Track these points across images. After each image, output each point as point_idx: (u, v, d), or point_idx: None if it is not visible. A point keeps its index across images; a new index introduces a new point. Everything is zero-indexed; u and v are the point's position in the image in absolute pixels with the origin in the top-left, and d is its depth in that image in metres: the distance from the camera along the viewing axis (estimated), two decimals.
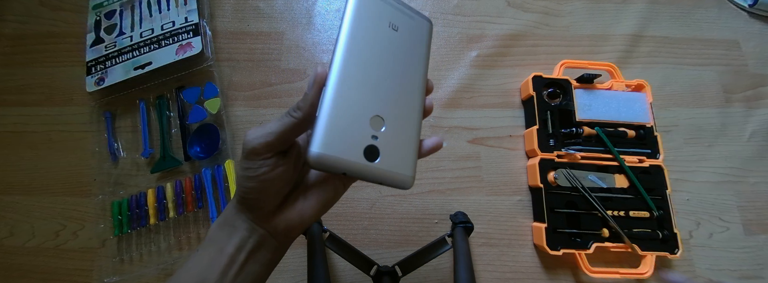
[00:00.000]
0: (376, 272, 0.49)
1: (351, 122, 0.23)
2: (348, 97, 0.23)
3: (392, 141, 0.24)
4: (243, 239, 0.26)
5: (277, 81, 0.64)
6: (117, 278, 0.54)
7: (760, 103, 0.65)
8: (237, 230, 0.26)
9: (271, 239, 0.27)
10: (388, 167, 0.23)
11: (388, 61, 0.25)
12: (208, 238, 0.27)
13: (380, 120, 0.24)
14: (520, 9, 0.69)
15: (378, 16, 0.25)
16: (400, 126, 0.24)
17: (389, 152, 0.23)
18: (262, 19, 0.67)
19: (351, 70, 0.23)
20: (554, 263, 0.55)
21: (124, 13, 0.65)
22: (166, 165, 0.58)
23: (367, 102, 0.23)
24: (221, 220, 0.27)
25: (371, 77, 0.24)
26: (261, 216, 0.26)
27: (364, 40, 0.24)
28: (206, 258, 0.26)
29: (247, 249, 0.26)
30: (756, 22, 0.70)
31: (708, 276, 0.55)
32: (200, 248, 0.27)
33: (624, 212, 0.55)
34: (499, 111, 0.62)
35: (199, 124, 0.59)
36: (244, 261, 0.26)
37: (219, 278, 0.25)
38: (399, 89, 0.25)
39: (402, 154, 0.24)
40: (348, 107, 0.23)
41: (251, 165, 0.24)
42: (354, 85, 0.23)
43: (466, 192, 0.58)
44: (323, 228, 0.51)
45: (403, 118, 0.25)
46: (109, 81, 0.60)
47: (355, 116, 0.23)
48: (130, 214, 0.56)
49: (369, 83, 0.24)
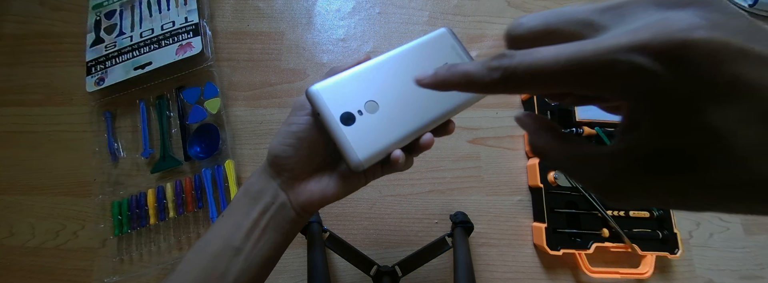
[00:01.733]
0: (376, 272, 0.49)
1: (355, 89, 0.26)
2: (369, 77, 0.27)
3: (372, 126, 0.26)
4: (266, 204, 0.28)
5: (277, 81, 0.64)
6: (117, 278, 0.54)
7: None
8: (262, 196, 0.28)
9: (290, 209, 0.28)
10: (351, 139, 0.26)
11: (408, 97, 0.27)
12: (234, 204, 0.29)
13: (376, 106, 0.27)
14: (520, 9, 0.69)
15: (440, 50, 0.28)
16: (388, 123, 0.26)
17: (362, 130, 0.26)
18: (262, 19, 0.67)
19: (388, 65, 0.27)
20: (554, 263, 0.55)
21: (124, 13, 0.65)
22: (166, 165, 0.58)
23: (379, 88, 0.27)
24: (247, 187, 0.29)
25: (397, 78, 0.27)
26: (288, 181, 0.28)
27: (415, 57, 0.28)
28: (231, 221, 0.28)
29: (269, 214, 0.28)
30: None
31: (708, 276, 0.55)
32: (225, 214, 0.29)
33: (624, 211, 0.55)
34: (499, 111, 0.62)
35: (199, 124, 0.59)
36: (266, 226, 0.28)
37: (243, 240, 0.27)
38: (415, 102, 0.27)
39: (371, 140, 0.26)
40: (363, 81, 0.27)
41: (295, 119, 0.27)
42: (380, 74, 0.27)
43: (466, 192, 0.58)
44: (323, 228, 0.51)
45: (397, 121, 0.27)
46: (109, 81, 0.60)
47: (362, 88, 0.26)
48: (130, 214, 0.56)
49: (391, 80, 0.27)
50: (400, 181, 0.59)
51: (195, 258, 0.27)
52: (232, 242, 0.27)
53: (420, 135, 0.27)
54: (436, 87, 0.18)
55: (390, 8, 0.69)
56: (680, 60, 0.11)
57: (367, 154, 0.25)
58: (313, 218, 0.51)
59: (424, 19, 0.68)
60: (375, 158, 0.26)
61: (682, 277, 0.55)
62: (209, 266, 0.27)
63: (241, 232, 0.27)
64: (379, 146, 0.26)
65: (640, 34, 0.12)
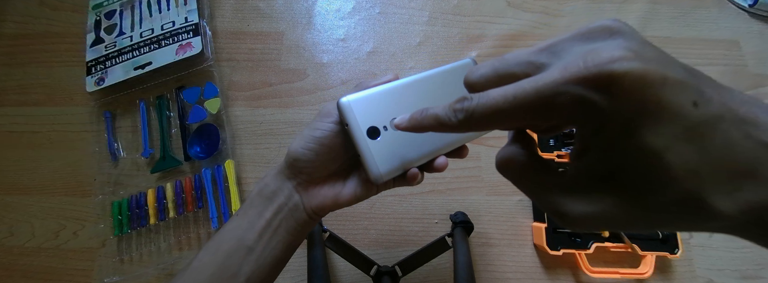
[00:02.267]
0: (376, 272, 0.49)
1: (382, 106, 0.27)
2: (396, 95, 0.28)
3: (394, 142, 0.28)
4: (280, 205, 0.29)
5: (277, 81, 0.64)
6: (117, 278, 0.54)
7: None
8: (277, 196, 0.29)
9: (302, 211, 0.29)
10: (374, 153, 0.27)
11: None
12: (248, 203, 0.29)
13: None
14: (520, 9, 0.69)
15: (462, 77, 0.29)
16: (410, 141, 0.28)
17: (385, 145, 0.27)
18: (262, 19, 0.67)
19: (414, 87, 0.29)
20: (554, 263, 0.55)
21: (124, 13, 0.65)
22: (166, 165, 0.58)
23: (405, 107, 0.28)
24: (261, 187, 0.30)
25: (421, 100, 0.29)
26: (303, 183, 0.29)
27: (440, 82, 0.29)
28: (246, 220, 0.29)
29: (282, 215, 0.29)
30: (756, 22, 0.70)
31: (708, 276, 0.55)
32: (240, 213, 0.29)
33: None
34: None
35: (199, 124, 0.59)
36: (278, 226, 0.29)
37: (256, 239, 0.28)
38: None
39: (392, 155, 0.28)
40: (391, 98, 0.28)
41: (320, 125, 0.28)
42: (406, 94, 0.28)
43: (466, 192, 0.58)
44: (323, 228, 0.51)
45: (418, 141, 0.28)
46: (109, 81, 0.60)
47: (389, 105, 0.28)
48: (130, 214, 0.56)
49: (415, 101, 0.29)
50: None
51: (208, 257, 0.28)
52: (245, 242, 0.28)
53: (436, 156, 0.29)
54: (413, 130, 0.20)
55: (390, 8, 0.69)
56: (613, 87, 0.13)
57: (387, 168, 0.27)
58: None
59: (424, 19, 0.68)
60: (394, 173, 0.28)
61: (682, 277, 0.55)
62: (222, 265, 0.28)
63: (253, 232, 0.28)
64: (398, 161, 0.27)
65: (573, 67, 0.13)
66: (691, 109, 0.13)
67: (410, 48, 0.66)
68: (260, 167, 0.59)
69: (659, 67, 0.13)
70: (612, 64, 0.13)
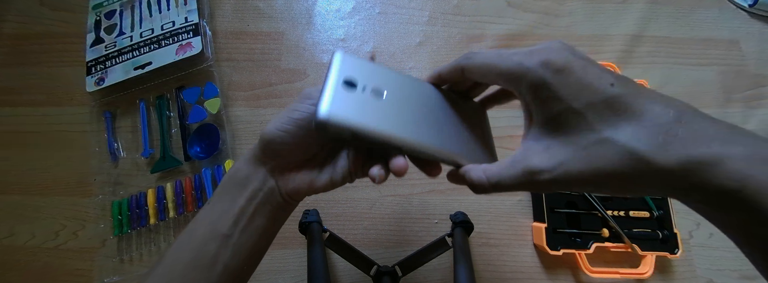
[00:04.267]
0: (376, 272, 0.49)
1: (373, 74, 0.26)
2: (393, 77, 0.27)
3: (364, 104, 0.26)
4: (254, 190, 0.28)
5: (277, 81, 0.64)
6: (117, 278, 0.54)
7: (760, 103, 0.65)
8: (250, 182, 0.28)
9: (278, 195, 0.28)
10: (335, 96, 0.24)
11: (407, 104, 0.27)
12: (221, 190, 0.29)
13: (381, 95, 0.26)
14: (520, 9, 0.69)
15: (354, 100, 0.26)
16: (380, 115, 0.26)
17: (352, 100, 0.25)
18: (262, 19, 0.67)
19: (415, 83, 0.28)
20: (554, 263, 0.55)
21: (124, 13, 0.65)
22: (166, 165, 0.58)
23: (396, 89, 0.27)
24: (233, 173, 0.29)
25: (416, 94, 0.28)
26: (278, 167, 0.28)
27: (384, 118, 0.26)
28: (218, 208, 0.28)
29: (257, 201, 0.28)
30: (756, 22, 0.70)
31: (708, 276, 0.55)
32: (211, 201, 0.29)
33: (624, 211, 0.55)
34: (499, 111, 0.62)
35: (199, 124, 0.59)
36: (253, 213, 0.28)
37: (230, 227, 0.27)
38: (418, 118, 0.27)
39: (352, 111, 0.25)
40: (386, 75, 0.27)
41: (298, 106, 0.27)
42: (403, 83, 0.27)
43: (466, 192, 0.58)
44: (323, 228, 0.51)
45: (390, 120, 0.26)
46: (109, 81, 0.60)
47: (380, 78, 0.26)
48: (130, 214, 0.56)
49: (410, 92, 0.27)
50: (400, 181, 0.59)
51: (183, 246, 0.27)
52: (220, 229, 0.27)
53: (399, 149, 0.26)
54: (436, 79, 0.28)
55: (390, 8, 0.69)
56: (560, 70, 0.21)
57: (338, 116, 0.23)
58: (313, 218, 0.51)
59: (424, 20, 0.68)
60: (342, 127, 0.24)
61: (682, 277, 0.55)
62: (198, 253, 0.27)
63: (228, 218, 0.27)
64: (353, 117, 0.24)
65: (538, 56, 0.22)
66: (607, 87, 0.20)
67: (410, 48, 0.66)
68: None
69: (581, 58, 0.21)
70: (565, 56, 0.21)
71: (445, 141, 0.27)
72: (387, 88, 0.26)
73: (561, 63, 0.21)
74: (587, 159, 0.20)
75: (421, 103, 0.27)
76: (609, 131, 0.20)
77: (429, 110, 0.27)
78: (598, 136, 0.20)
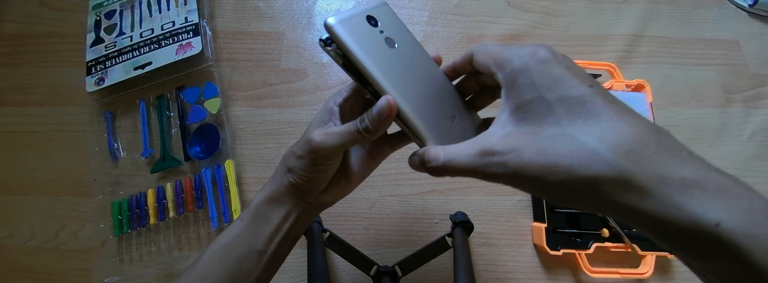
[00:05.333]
0: (376, 272, 0.49)
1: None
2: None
3: (464, 120, 0.28)
4: (288, 211, 0.30)
5: (277, 81, 0.64)
6: (117, 278, 0.54)
7: (760, 103, 0.65)
8: (284, 205, 0.30)
9: (312, 209, 0.31)
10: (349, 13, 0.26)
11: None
12: (254, 210, 0.31)
13: (393, 44, 0.27)
14: (520, 9, 0.69)
15: (368, 35, 0.26)
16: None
17: (369, 36, 0.26)
18: (262, 19, 0.67)
19: (404, 93, 0.25)
20: (554, 263, 0.55)
21: (124, 13, 0.65)
22: (166, 165, 0.58)
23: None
24: (269, 195, 0.31)
25: (417, 88, 0.26)
26: (308, 195, 0.30)
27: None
28: (254, 227, 0.30)
29: (292, 219, 0.31)
30: (756, 22, 0.70)
31: None
32: (244, 219, 0.31)
33: None
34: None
35: (199, 124, 0.59)
36: (288, 229, 0.31)
37: (266, 243, 0.30)
38: (434, 81, 0.28)
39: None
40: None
41: (319, 163, 0.28)
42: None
43: (466, 192, 0.58)
44: (323, 228, 0.51)
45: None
46: (109, 81, 0.60)
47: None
48: (130, 214, 0.56)
49: (422, 95, 0.26)
50: (400, 181, 0.59)
51: (219, 261, 0.30)
52: (256, 247, 0.30)
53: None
54: (450, 70, 0.28)
55: None
56: (545, 60, 0.21)
57: (343, 32, 0.24)
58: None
59: (424, 20, 0.68)
60: (341, 42, 0.24)
61: (682, 277, 0.55)
62: (235, 269, 0.29)
63: (263, 236, 0.30)
64: (355, 45, 0.24)
65: (530, 47, 0.23)
66: (585, 86, 0.20)
67: None
68: (260, 167, 0.59)
69: (569, 62, 0.22)
70: (549, 53, 0.22)
71: (426, 115, 0.25)
72: (400, 45, 0.27)
73: (547, 55, 0.21)
74: (544, 150, 0.20)
75: (425, 76, 0.27)
76: (574, 129, 0.19)
77: (427, 85, 0.27)
78: (562, 130, 0.20)
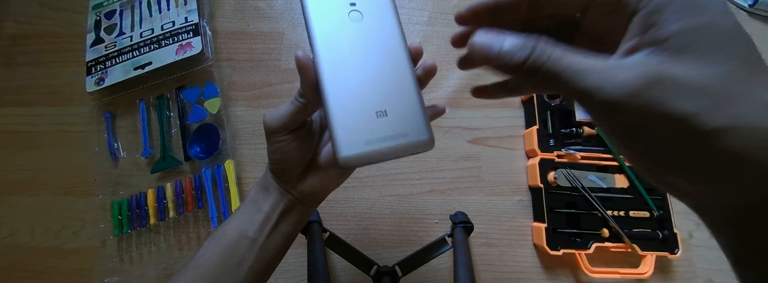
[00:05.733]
0: (376, 272, 0.49)
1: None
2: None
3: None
4: (276, 201, 0.31)
5: (277, 81, 0.64)
6: (117, 278, 0.54)
7: None
8: (271, 194, 0.31)
9: (299, 203, 0.31)
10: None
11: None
12: (249, 198, 0.32)
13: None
14: None
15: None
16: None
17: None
18: (262, 19, 0.67)
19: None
20: (554, 263, 0.55)
21: (124, 13, 0.65)
22: (166, 165, 0.58)
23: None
24: (261, 183, 0.32)
25: (358, 70, 0.24)
26: (287, 183, 0.31)
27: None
28: (247, 214, 0.31)
29: (280, 210, 0.31)
30: (756, 22, 0.70)
31: (708, 276, 0.55)
32: (241, 206, 0.32)
33: (624, 212, 0.55)
34: (499, 111, 0.62)
35: (199, 124, 0.59)
36: (278, 220, 0.31)
37: (257, 231, 0.31)
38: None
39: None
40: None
41: (269, 143, 0.29)
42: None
43: (466, 192, 0.58)
44: (323, 228, 0.51)
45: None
46: (109, 81, 0.60)
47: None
48: (130, 214, 0.56)
49: (358, 78, 0.24)
50: (400, 181, 0.59)
51: (213, 246, 0.31)
52: (247, 233, 0.30)
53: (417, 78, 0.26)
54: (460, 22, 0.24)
55: None
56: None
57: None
58: (313, 218, 0.51)
59: (424, 19, 0.68)
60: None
61: (682, 277, 0.55)
62: (227, 254, 0.30)
63: (254, 224, 0.31)
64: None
65: None
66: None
67: None
68: (260, 166, 0.59)
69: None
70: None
71: (346, 99, 0.24)
72: (367, 21, 0.27)
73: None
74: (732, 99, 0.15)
75: (376, 59, 0.25)
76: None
77: (373, 68, 0.25)
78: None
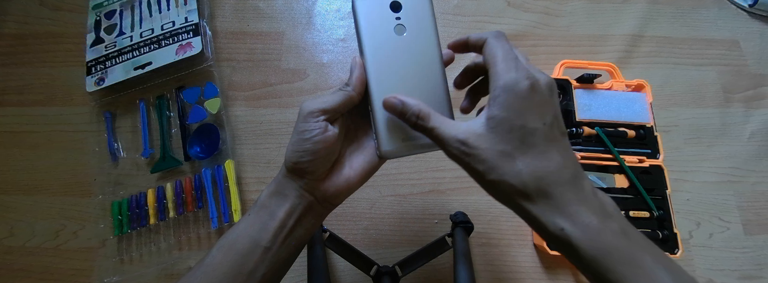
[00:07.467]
0: (376, 272, 0.49)
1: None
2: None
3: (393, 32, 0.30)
4: (293, 205, 0.29)
5: (277, 81, 0.64)
6: (117, 278, 0.54)
7: (760, 103, 0.65)
8: (288, 198, 0.29)
9: (318, 206, 0.30)
10: None
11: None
12: (260, 204, 0.30)
13: (403, 29, 0.30)
14: (520, 9, 0.69)
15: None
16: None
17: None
18: (262, 19, 0.67)
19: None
20: (554, 263, 0.55)
21: (124, 13, 0.65)
22: (166, 165, 0.58)
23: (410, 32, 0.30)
24: (273, 188, 0.30)
25: (400, 79, 0.29)
26: (311, 182, 0.29)
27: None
28: (259, 222, 0.29)
29: (297, 215, 0.29)
30: (756, 22, 0.70)
31: (708, 276, 0.55)
32: (251, 213, 0.30)
33: (624, 212, 0.55)
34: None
35: (199, 124, 0.59)
36: (293, 225, 0.29)
37: (271, 240, 0.29)
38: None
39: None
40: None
41: (307, 127, 0.28)
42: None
43: (466, 192, 0.58)
44: (323, 228, 0.51)
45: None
46: (109, 81, 0.60)
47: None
48: (130, 214, 0.56)
49: (399, 84, 0.29)
50: (400, 181, 0.59)
51: (222, 256, 0.29)
52: (261, 242, 0.29)
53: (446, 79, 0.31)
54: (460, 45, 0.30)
55: None
56: (523, 91, 0.25)
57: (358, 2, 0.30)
58: None
59: None
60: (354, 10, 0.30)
61: None
62: (238, 264, 0.28)
63: (268, 232, 0.29)
64: (364, 20, 0.30)
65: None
66: (540, 124, 0.25)
67: None
68: (260, 167, 0.59)
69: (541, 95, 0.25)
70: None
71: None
72: (409, 35, 0.30)
73: (526, 88, 0.25)
74: (493, 158, 0.27)
75: (416, 70, 0.30)
76: (517, 152, 0.25)
77: (412, 78, 0.30)
78: (510, 150, 0.25)
